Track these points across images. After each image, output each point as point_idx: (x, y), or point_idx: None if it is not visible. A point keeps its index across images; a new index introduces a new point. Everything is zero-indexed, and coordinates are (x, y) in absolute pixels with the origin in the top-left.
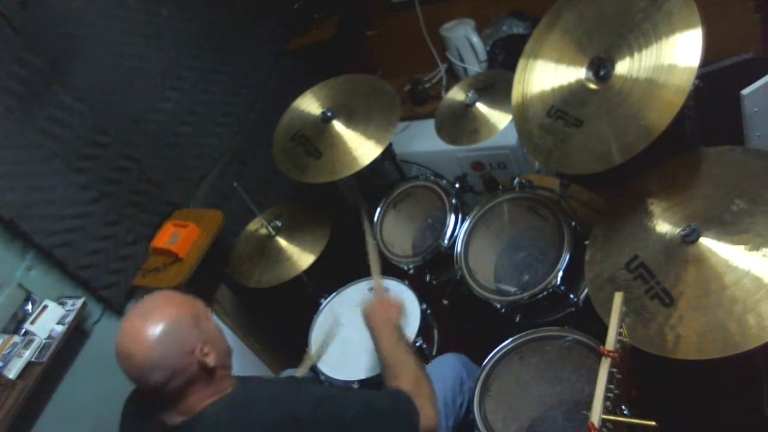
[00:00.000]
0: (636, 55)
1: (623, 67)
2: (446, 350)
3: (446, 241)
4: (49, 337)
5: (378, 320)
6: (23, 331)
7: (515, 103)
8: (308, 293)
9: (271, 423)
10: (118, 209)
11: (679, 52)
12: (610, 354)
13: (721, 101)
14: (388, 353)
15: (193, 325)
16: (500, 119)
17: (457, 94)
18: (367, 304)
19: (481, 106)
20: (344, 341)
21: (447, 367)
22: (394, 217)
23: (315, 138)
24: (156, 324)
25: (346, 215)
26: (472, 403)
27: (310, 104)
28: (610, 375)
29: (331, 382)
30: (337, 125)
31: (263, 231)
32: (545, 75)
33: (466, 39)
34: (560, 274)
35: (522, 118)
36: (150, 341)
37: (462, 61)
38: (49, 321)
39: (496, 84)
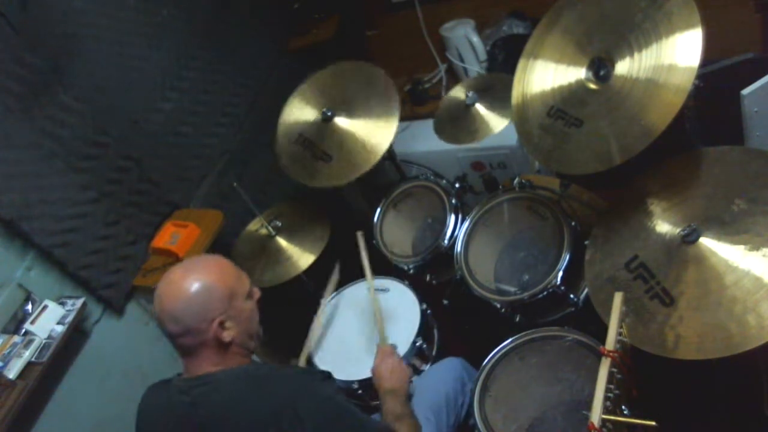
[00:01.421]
0: (636, 55)
1: (623, 67)
2: (446, 350)
3: (446, 241)
4: (49, 337)
5: (387, 385)
6: (23, 331)
7: (515, 103)
8: (308, 293)
9: (277, 404)
10: (118, 209)
11: (679, 52)
12: (610, 354)
13: (721, 101)
14: (389, 418)
15: (224, 297)
16: (500, 119)
17: (457, 95)
18: (380, 364)
19: (480, 107)
20: (344, 341)
21: (448, 369)
22: (394, 217)
23: (320, 141)
24: (192, 282)
25: (346, 215)
26: (473, 403)
27: (303, 106)
28: (610, 375)
29: None
30: (340, 121)
31: (263, 231)
32: (545, 75)
33: (466, 39)
34: (560, 274)
35: (522, 118)
36: (179, 294)
37: (462, 61)
38: (49, 321)
39: (495, 86)
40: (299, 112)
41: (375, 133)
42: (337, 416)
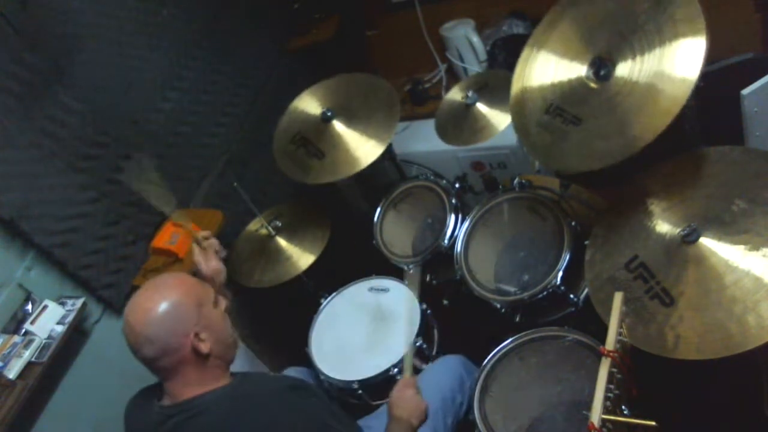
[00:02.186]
0: (638, 57)
1: (624, 68)
2: (446, 350)
3: (446, 241)
4: (49, 337)
5: (396, 412)
6: (23, 331)
7: (514, 97)
8: (308, 293)
9: (268, 425)
10: (118, 209)
11: (681, 61)
12: (610, 354)
13: (721, 101)
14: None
15: (194, 310)
16: (500, 119)
17: (456, 95)
18: (396, 392)
19: (481, 107)
20: (344, 341)
21: (447, 367)
22: (394, 217)
23: (316, 139)
24: (159, 302)
25: (347, 215)
26: (472, 403)
27: (308, 105)
28: (610, 375)
29: (331, 383)
30: (338, 125)
31: (263, 231)
32: (546, 69)
33: (466, 39)
34: (560, 274)
35: (520, 113)
36: (148, 316)
37: (462, 61)
38: (49, 321)
39: (495, 84)
40: (303, 110)
41: (365, 145)
42: None
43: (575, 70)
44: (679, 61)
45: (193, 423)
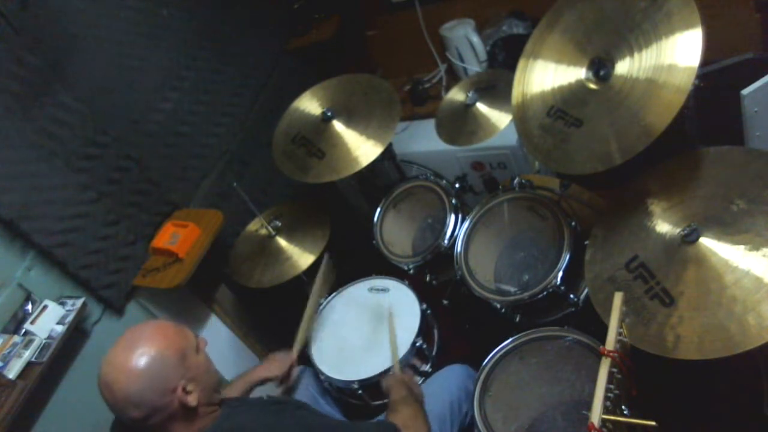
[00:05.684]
0: (636, 55)
1: (623, 67)
2: (446, 350)
3: (446, 241)
4: (49, 337)
5: (395, 386)
6: (23, 331)
7: (515, 103)
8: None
9: None
10: (118, 209)
11: (679, 52)
12: (610, 354)
13: (721, 101)
14: (397, 399)
15: (178, 361)
16: (500, 119)
17: (457, 94)
18: (390, 377)
19: (481, 106)
20: (344, 341)
21: (452, 376)
22: (394, 217)
23: (316, 138)
24: (139, 357)
25: (347, 215)
26: (472, 402)
27: (308, 105)
28: (610, 375)
29: (331, 383)
30: (337, 125)
31: (263, 231)
32: (545, 75)
33: (466, 39)
34: (560, 274)
35: (522, 118)
36: (131, 375)
37: (462, 61)
38: (49, 321)
39: (497, 84)
40: (303, 111)
41: (365, 144)
42: None
43: (574, 72)
44: (678, 53)
45: None
